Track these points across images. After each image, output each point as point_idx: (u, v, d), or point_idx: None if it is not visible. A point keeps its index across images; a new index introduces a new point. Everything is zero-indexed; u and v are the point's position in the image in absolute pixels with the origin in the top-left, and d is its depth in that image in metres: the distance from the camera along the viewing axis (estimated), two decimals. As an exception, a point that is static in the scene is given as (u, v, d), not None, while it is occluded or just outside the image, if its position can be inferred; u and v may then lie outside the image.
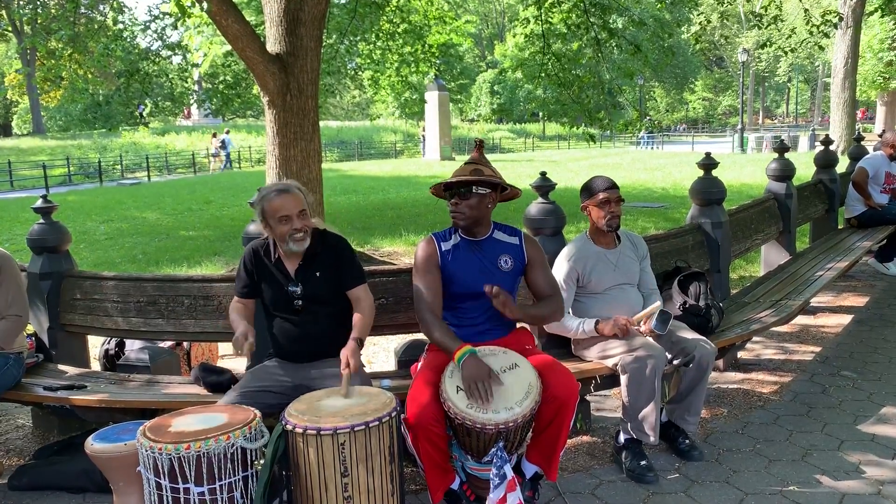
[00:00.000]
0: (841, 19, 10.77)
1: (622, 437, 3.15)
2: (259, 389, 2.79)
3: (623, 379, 3.06)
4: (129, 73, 10.75)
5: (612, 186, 3.32)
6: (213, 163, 31.11)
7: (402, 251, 8.58)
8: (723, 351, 3.80)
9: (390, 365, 4.35)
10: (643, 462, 3.06)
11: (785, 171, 5.81)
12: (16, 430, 3.91)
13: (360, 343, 2.76)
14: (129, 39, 11.15)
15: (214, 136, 32.39)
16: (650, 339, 3.16)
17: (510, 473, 2.52)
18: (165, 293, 3.61)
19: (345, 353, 2.66)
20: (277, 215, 2.77)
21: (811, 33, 9.97)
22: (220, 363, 4.67)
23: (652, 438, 3.05)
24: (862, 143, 7.81)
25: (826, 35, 10.15)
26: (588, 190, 3.35)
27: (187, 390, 3.28)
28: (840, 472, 3.04)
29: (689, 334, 3.27)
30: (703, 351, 3.14)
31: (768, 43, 10.97)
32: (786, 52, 11.36)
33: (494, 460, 2.51)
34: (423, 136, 34.41)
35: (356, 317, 2.85)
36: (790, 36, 11.41)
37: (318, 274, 2.86)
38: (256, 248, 2.95)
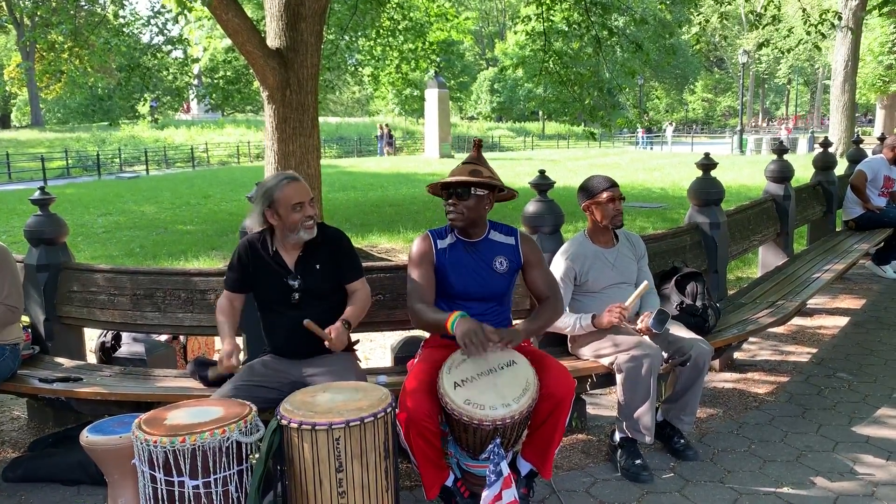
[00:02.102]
0: (840, 19, 10.76)
1: (617, 436, 3.15)
2: (255, 384, 2.78)
3: (619, 378, 3.06)
4: (130, 68, 10.73)
5: (614, 185, 3.34)
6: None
7: (400, 248, 8.58)
8: (719, 351, 3.80)
9: (386, 361, 4.35)
10: (638, 461, 3.06)
11: (783, 173, 5.81)
12: (11, 422, 3.90)
13: (348, 326, 2.77)
14: (130, 34, 11.15)
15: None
16: (646, 339, 3.16)
17: (506, 470, 2.52)
18: (162, 286, 3.61)
19: (329, 328, 2.69)
20: (292, 202, 2.75)
21: (809, 33, 9.97)
22: (216, 357, 4.66)
23: (647, 438, 3.05)
24: (861, 145, 7.82)
25: (823, 35, 10.15)
26: (589, 189, 3.35)
27: (183, 384, 3.28)
28: (834, 473, 3.05)
29: (686, 333, 3.27)
30: (700, 350, 3.14)
31: (766, 43, 10.97)
32: (783, 52, 11.37)
33: (491, 457, 2.51)
34: (382, 133, 34.54)
35: (349, 305, 2.86)
36: (787, 35, 11.41)
37: (317, 267, 2.85)
38: (252, 240, 2.92)
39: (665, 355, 3.18)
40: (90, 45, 10.10)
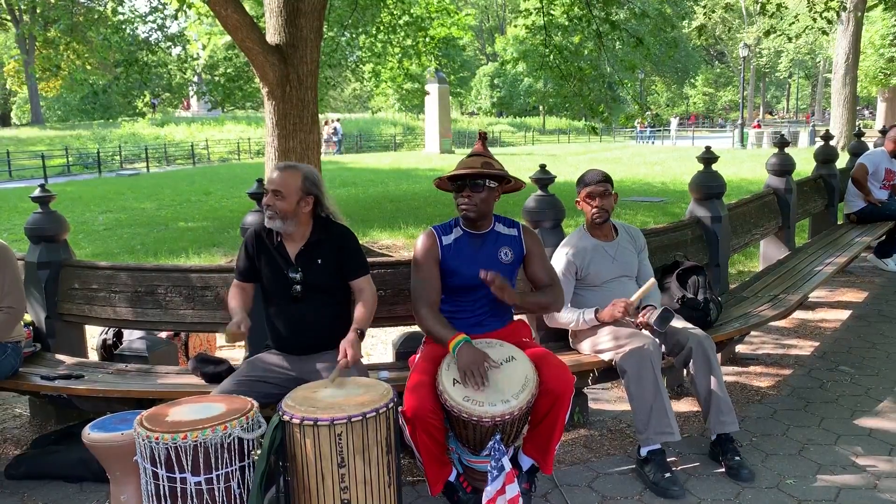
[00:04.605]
0: (845, 8, 10.75)
1: (643, 451, 2.99)
2: (256, 379, 2.78)
3: (624, 382, 3.02)
4: (128, 63, 10.70)
5: (602, 180, 3.31)
6: (326, 147, 33.00)
7: (402, 244, 8.57)
8: (721, 345, 3.80)
9: (388, 357, 4.35)
10: (667, 475, 2.90)
11: (785, 167, 5.80)
12: (13, 420, 3.91)
13: (361, 335, 2.76)
14: (128, 31, 11.11)
15: (326, 123, 34.21)
16: (642, 330, 3.14)
17: (508, 466, 2.52)
18: (163, 283, 3.61)
19: (344, 344, 2.66)
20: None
21: (814, 19, 9.96)
22: (218, 354, 4.66)
23: (675, 435, 2.92)
24: (862, 138, 7.80)
25: (829, 21, 10.14)
26: (579, 183, 3.36)
27: (184, 380, 3.28)
28: (837, 466, 3.05)
29: (681, 324, 3.25)
30: (697, 339, 3.09)
31: (773, 29, 10.93)
32: (790, 38, 11.33)
33: (492, 453, 2.51)
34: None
35: (358, 308, 2.85)
36: (793, 23, 11.41)
37: (319, 262, 2.86)
38: (259, 230, 2.93)
39: (663, 348, 3.17)
40: (88, 40, 10.09)
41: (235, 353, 4.61)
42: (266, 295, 2.94)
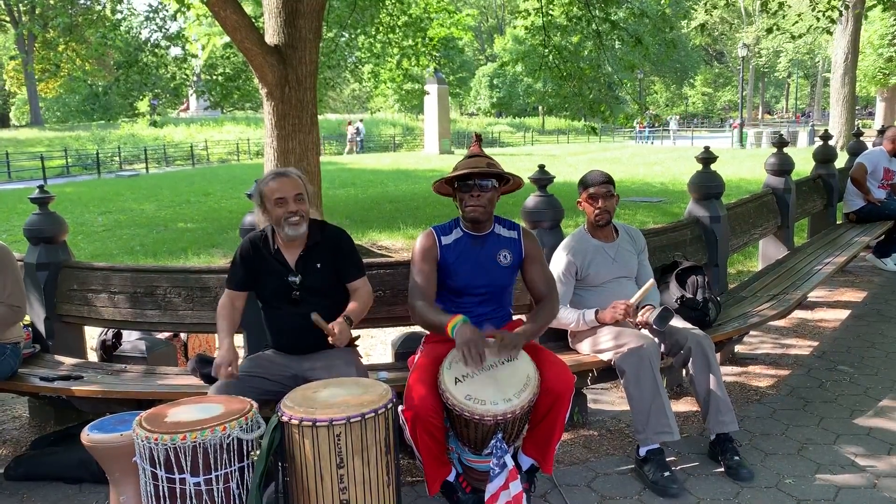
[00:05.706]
0: (847, 7, 10.78)
1: (642, 451, 2.99)
2: (255, 375, 2.79)
3: (623, 382, 3.02)
4: (128, 65, 10.69)
5: (604, 182, 3.31)
6: (349, 147, 34.64)
7: (401, 245, 8.58)
8: (720, 345, 3.80)
9: (387, 357, 4.35)
10: (666, 473, 2.89)
11: (783, 166, 5.81)
12: (12, 421, 3.91)
13: (350, 321, 2.76)
14: (127, 30, 11.10)
15: (350, 124, 35.92)
16: (642, 330, 3.14)
17: (511, 463, 2.52)
18: (162, 284, 3.60)
19: (333, 324, 2.67)
20: (274, 197, 2.78)
21: (818, 19, 10.00)
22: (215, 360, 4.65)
23: (675, 434, 2.92)
24: (861, 138, 7.81)
25: (833, 21, 10.18)
26: (582, 184, 3.36)
27: (184, 381, 3.28)
28: (836, 465, 3.05)
29: (681, 324, 3.25)
30: (696, 339, 3.09)
31: (777, 27, 10.94)
32: (794, 37, 11.38)
33: (494, 451, 2.52)
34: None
35: (351, 302, 2.86)
36: (796, 22, 11.43)
37: (318, 265, 2.86)
38: (254, 239, 2.93)
39: (662, 348, 3.17)
40: (87, 40, 10.09)
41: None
42: (264, 298, 2.94)
